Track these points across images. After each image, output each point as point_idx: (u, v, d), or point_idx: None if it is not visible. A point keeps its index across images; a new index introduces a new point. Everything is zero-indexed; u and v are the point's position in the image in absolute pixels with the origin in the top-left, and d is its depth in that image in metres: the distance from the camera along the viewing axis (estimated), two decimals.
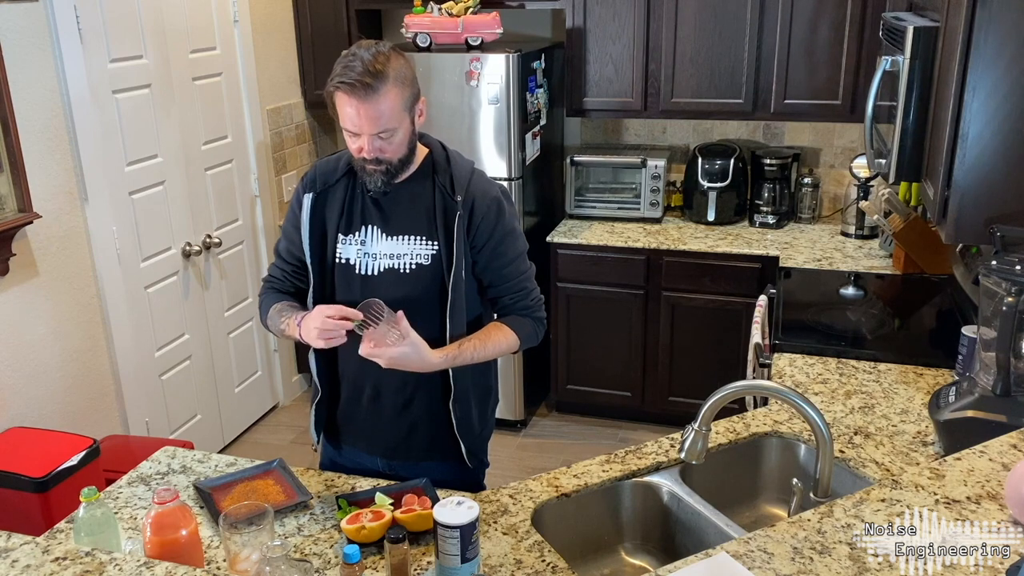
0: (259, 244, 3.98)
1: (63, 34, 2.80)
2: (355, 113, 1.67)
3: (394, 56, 1.70)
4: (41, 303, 2.82)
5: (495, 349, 1.85)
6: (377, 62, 1.65)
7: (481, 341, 1.82)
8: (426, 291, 1.81)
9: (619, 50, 3.73)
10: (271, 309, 1.89)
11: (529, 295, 1.91)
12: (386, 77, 1.65)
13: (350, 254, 1.84)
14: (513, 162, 3.57)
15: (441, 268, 1.80)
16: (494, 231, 1.83)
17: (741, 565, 1.33)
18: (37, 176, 2.74)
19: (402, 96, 1.69)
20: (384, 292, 1.77)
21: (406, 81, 1.71)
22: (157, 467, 1.93)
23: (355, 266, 1.83)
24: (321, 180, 1.86)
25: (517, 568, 1.53)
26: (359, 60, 1.65)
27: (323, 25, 4.05)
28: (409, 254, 1.81)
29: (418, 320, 1.75)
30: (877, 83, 2.22)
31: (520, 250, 1.90)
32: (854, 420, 2.02)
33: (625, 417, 4.00)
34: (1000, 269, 1.67)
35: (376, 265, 1.82)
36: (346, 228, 1.84)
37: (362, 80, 1.63)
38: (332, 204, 1.85)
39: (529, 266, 1.93)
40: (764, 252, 3.54)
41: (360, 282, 1.83)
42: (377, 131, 1.68)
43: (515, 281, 1.89)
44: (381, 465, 1.97)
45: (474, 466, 1.98)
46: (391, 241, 1.82)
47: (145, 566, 1.41)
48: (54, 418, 2.87)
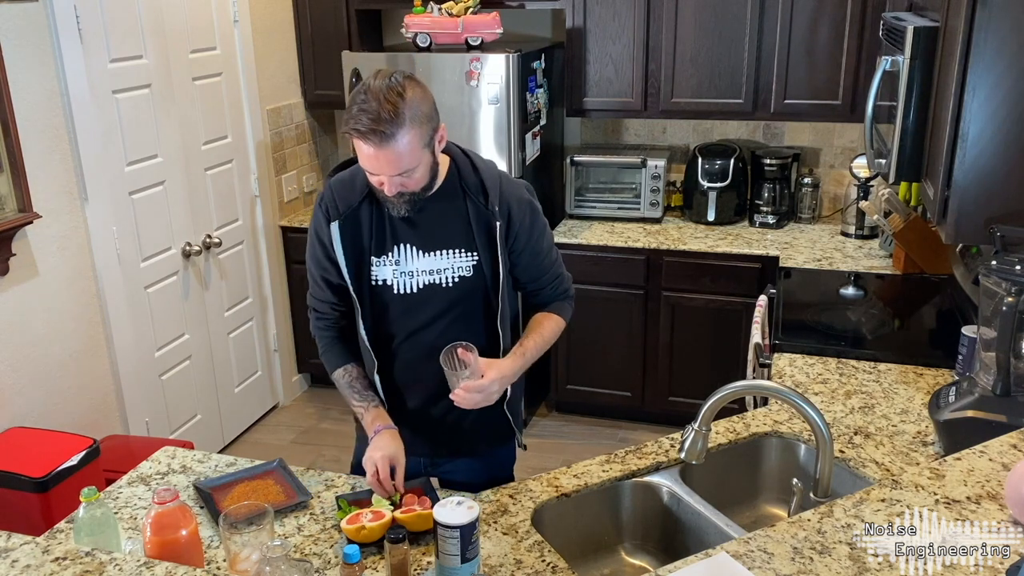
0: (259, 244, 3.98)
1: (63, 34, 2.80)
2: (373, 157, 1.61)
3: (410, 91, 1.60)
4: (41, 303, 2.82)
5: (551, 338, 1.91)
6: (392, 103, 1.56)
7: (540, 336, 1.87)
8: (471, 302, 1.82)
9: (619, 50, 3.73)
10: (339, 370, 1.88)
11: (564, 280, 1.96)
12: (402, 121, 1.57)
13: (386, 275, 1.81)
14: (513, 162, 3.57)
15: (483, 278, 1.80)
16: (532, 233, 1.84)
17: (741, 565, 1.33)
18: (37, 176, 2.74)
19: (420, 136, 1.62)
20: (427, 307, 1.80)
21: (423, 119, 1.62)
22: (157, 467, 1.93)
23: (392, 286, 1.81)
24: (343, 204, 1.79)
25: (517, 568, 1.53)
26: (373, 102, 1.56)
27: (323, 25, 4.05)
28: (450, 268, 1.80)
29: (466, 331, 1.79)
30: (877, 83, 2.22)
31: (551, 241, 1.93)
32: (854, 420, 2.02)
33: (625, 417, 4.00)
34: (1000, 269, 1.67)
35: (415, 283, 1.80)
36: (378, 250, 1.80)
37: (376, 129, 1.56)
38: (360, 228, 1.80)
39: (557, 251, 1.96)
40: (764, 252, 3.54)
41: (400, 301, 1.82)
42: (396, 173, 1.64)
43: (552, 272, 1.93)
44: (424, 466, 1.96)
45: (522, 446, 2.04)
46: (429, 257, 1.79)
47: (145, 566, 1.41)
48: (54, 418, 2.87)
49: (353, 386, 1.86)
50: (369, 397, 1.85)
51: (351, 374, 1.88)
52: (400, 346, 1.87)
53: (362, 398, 1.85)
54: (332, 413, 4.12)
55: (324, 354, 1.92)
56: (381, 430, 1.78)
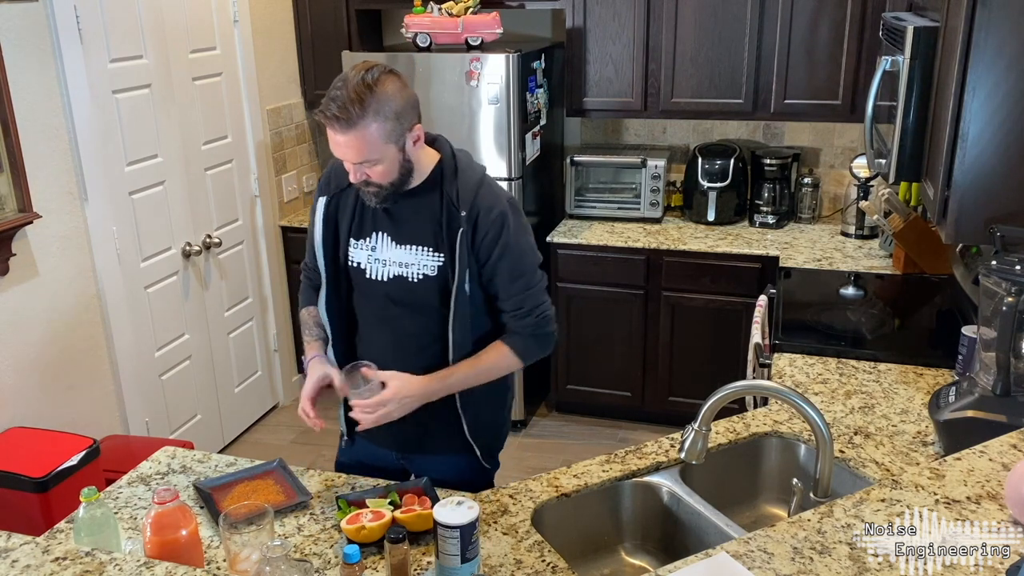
0: (259, 244, 3.98)
1: (63, 34, 2.80)
2: (335, 143, 1.68)
3: (382, 84, 1.65)
4: (41, 303, 2.82)
5: (489, 369, 1.86)
6: (359, 94, 1.62)
7: (472, 366, 1.84)
8: (433, 301, 1.82)
9: (619, 50, 3.73)
10: (304, 309, 2.03)
11: (532, 312, 1.86)
12: (365, 111, 1.63)
13: (361, 258, 1.86)
14: (513, 162, 3.57)
15: (446, 281, 1.80)
16: (495, 247, 1.80)
17: (741, 565, 1.33)
18: (37, 176, 2.74)
19: (383, 129, 1.66)
20: (394, 298, 1.84)
21: (391, 115, 1.66)
22: (157, 467, 1.93)
23: (365, 270, 1.86)
24: (335, 183, 1.88)
25: (517, 568, 1.53)
26: (345, 89, 1.63)
27: (323, 25, 4.05)
28: (417, 264, 1.82)
29: (424, 330, 1.82)
30: (877, 83, 2.22)
31: (524, 266, 1.85)
32: (854, 420, 2.02)
33: (625, 417, 4.00)
34: (1000, 269, 1.67)
35: (386, 271, 1.84)
36: (357, 233, 1.86)
37: (339, 115, 1.62)
38: (344, 208, 1.87)
39: (538, 281, 1.88)
40: (764, 252, 3.54)
41: (370, 286, 1.86)
42: (358, 161, 1.69)
43: (516, 298, 1.85)
44: (395, 459, 1.99)
45: (491, 466, 2.01)
46: (400, 249, 1.82)
47: (145, 566, 1.41)
48: (54, 418, 2.87)
49: (307, 322, 1.99)
50: (315, 333, 1.96)
51: (312, 313, 1.99)
52: (365, 330, 1.93)
53: (309, 332, 1.98)
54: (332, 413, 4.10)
55: (300, 294, 2.07)
56: (310, 360, 1.91)
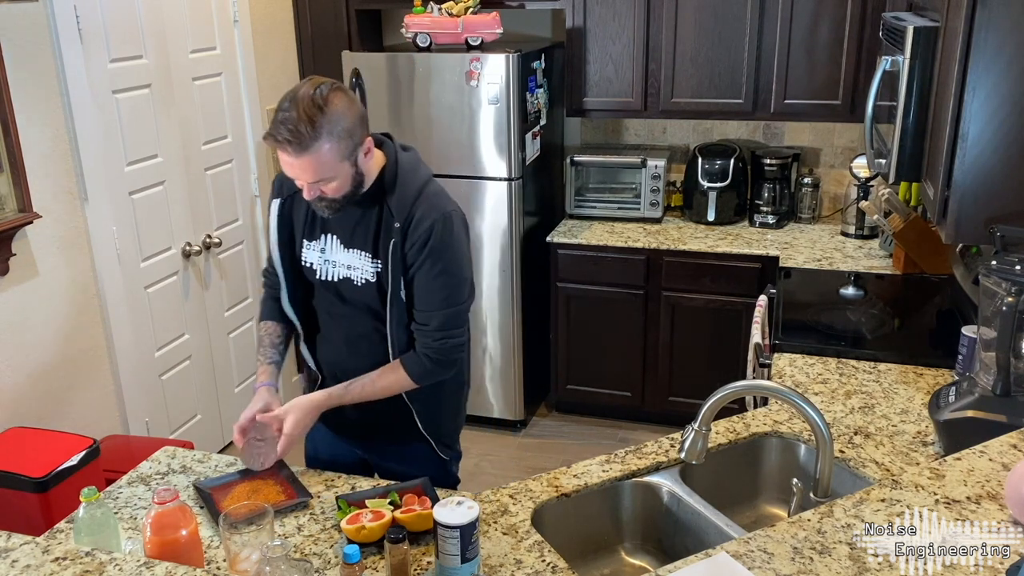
0: (259, 244, 3.98)
1: (63, 34, 2.80)
2: (289, 165, 1.67)
3: (332, 103, 1.63)
4: (41, 303, 2.82)
5: (387, 390, 1.87)
6: (311, 114, 1.60)
7: (372, 381, 1.87)
8: (375, 305, 1.86)
9: (619, 50, 3.73)
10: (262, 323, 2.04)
11: (437, 331, 1.82)
12: (319, 133, 1.61)
13: (313, 259, 1.90)
14: (513, 162, 3.57)
15: (384, 286, 1.84)
16: (419, 255, 1.79)
17: (741, 565, 1.33)
18: (37, 176, 2.74)
19: (337, 149, 1.65)
20: (343, 297, 1.88)
21: (342, 133, 1.65)
22: (157, 467, 1.93)
23: (316, 271, 1.90)
24: (288, 186, 1.87)
25: (517, 568, 1.53)
26: (295, 110, 1.60)
27: (323, 25, 4.04)
28: (360, 268, 1.85)
29: (373, 330, 1.87)
30: (877, 83, 2.22)
31: (446, 280, 1.81)
32: (854, 420, 2.02)
33: (625, 417, 4.00)
34: (1000, 269, 1.67)
35: (335, 273, 1.88)
36: (309, 234, 1.90)
37: (291, 139, 1.61)
38: (298, 209, 1.90)
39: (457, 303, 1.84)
40: (764, 252, 3.53)
41: (321, 286, 1.91)
42: (312, 181, 1.69)
43: (427, 313, 1.82)
44: (356, 447, 2.05)
45: (449, 457, 2.04)
46: (348, 253, 1.86)
47: (145, 566, 1.41)
48: (54, 418, 2.87)
49: (263, 340, 2.01)
50: (269, 355, 1.98)
51: (268, 331, 2.01)
52: (323, 328, 1.97)
53: (263, 353, 1.99)
54: None
55: (261, 304, 2.08)
56: (258, 388, 1.93)
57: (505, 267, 3.72)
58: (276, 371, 1.97)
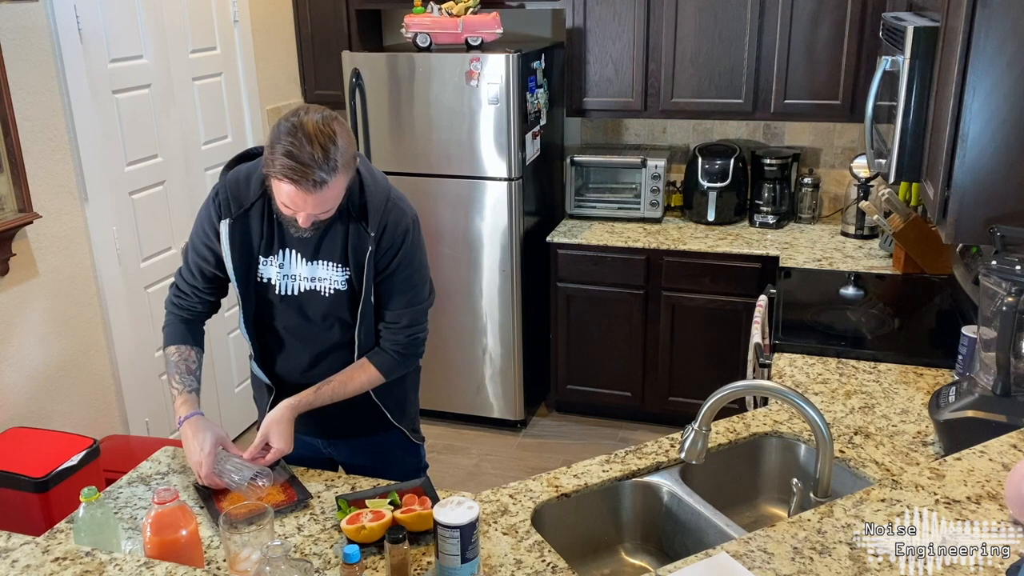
0: None
1: (63, 34, 2.80)
2: (299, 201, 1.65)
3: (340, 135, 1.63)
4: (41, 303, 2.82)
5: (359, 388, 1.90)
6: (325, 149, 1.59)
7: (342, 383, 1.88)
8: (343, 313, 1.88)
9: (619, 50, 3.74)
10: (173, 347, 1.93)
11: (406, 329, 1.90)
12: (336, 169, 1.62)
13: (271, 275, 1.89)
14: (513, 162, 3.57)
15: (354, 294, 1.85)
16: (393, 259, 1.84)
17: (741, 565, 1.33)
18: (37, 176, 2.74)
19: (345, 180, 1.68)
20: (307, 310, 1.88)
21: (350, 161, 1.67)
22: (157, 467, 1.93)
23: (275, 286, 1.89)
24: (236, 204, 1.84)
25: (517, 568, 1.53)
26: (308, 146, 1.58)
27: (323, 25, 4.05)
28: (328, 279, 1.86)
29: (341, 337, 1.89)
30: (877, 83, 2.22)
31: (415, 281, 1.89)
32: (854, 420, 2.02)
33: (625, 417, 4.00)
34: (1000, 269, 1.67)
35: (297, 286, 1.88)
36: (266, 251, 1.87)
37: (313, 179, 1.59)
38: (251, 226, 1.85)
39: (423, 300, 1.92)
40: (764, 252, 3.54)
41: (280, 301, 1.90)
42: (320, 212, 1.69)
43: (398, 311, 1.89)
44: (322, 445, 2.06)
45: (419, 442, 2.09)
46: (311, 265, 1.86)
47: (145, 566, 1.41)
48: (54, 418, 2.87)
49: (179, 366, 1.91)
50: (188, 382, 1.90)
51: (183, 355, 1.93)
52: (279, 338, 1.96)
53: (181, 381, 1.90)
54: None
55: (167, 327, 1.98)
56: (189, 417, 1.84)
57: (505, 267, 3.72)
58: (197, 398, 1.90)
